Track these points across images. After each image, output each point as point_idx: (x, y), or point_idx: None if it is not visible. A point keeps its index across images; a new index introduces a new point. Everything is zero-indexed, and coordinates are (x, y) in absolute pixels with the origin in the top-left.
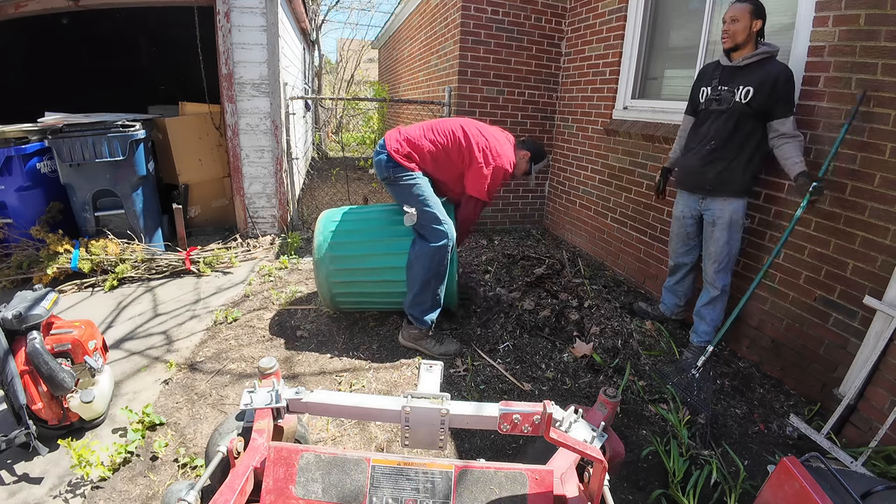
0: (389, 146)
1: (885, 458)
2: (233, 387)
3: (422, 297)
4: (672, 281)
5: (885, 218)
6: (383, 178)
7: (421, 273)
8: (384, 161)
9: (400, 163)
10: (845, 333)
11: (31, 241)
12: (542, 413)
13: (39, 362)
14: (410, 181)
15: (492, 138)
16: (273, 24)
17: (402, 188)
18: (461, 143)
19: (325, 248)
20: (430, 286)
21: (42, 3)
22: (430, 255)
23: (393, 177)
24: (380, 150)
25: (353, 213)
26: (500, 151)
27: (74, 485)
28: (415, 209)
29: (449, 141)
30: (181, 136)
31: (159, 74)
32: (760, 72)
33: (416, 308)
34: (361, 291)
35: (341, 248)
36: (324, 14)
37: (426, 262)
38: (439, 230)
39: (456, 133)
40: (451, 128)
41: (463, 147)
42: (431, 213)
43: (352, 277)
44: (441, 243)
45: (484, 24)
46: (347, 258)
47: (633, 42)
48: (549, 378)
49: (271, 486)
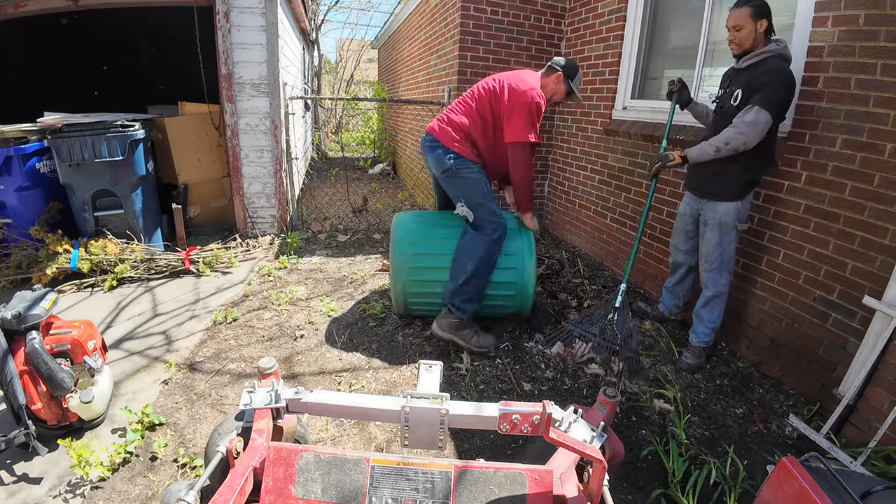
0: (443, 138)
1: (884, 458)
2: (232, 387)
3: (468, 286)
4: (672, 281)
5: (884, 218)
6: (443, 172)
7: (471, 263)
8: (442, 154)
9: (461, 153)
10: (845, 333)
11: (31, 241)
12: (542, 413)
13: (39, 362)
14: (470, 174)
15: (510, 75)
16: (272, 24)
17: (461, 181)
18: (487, 93)
19: (402, 258)
20: (477, 277)
21: (42, 3)
22: (484, 247)
23: (455, 168)
24: (432, 143)
25: (430, 223)
26: (522, 84)
27: (74, 485)
28: (469, 206)
29: (476, 101)
30: (181, 136)
31: (159, 74)
32: (753, 72)
33: (459, 297)
34: (435, 302)
35: (419, 260)
36: (323, 14)
37: (478, 254)
38: (495, 222)
39: (476, 89)
40: (472, 88)
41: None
42: (490, 207)
43: (427, 289)
44: (495, 236)
45: (483, 24)
46: (425, 270)
47: (632, 42)
48: (548, 378)
49: (271, 486)
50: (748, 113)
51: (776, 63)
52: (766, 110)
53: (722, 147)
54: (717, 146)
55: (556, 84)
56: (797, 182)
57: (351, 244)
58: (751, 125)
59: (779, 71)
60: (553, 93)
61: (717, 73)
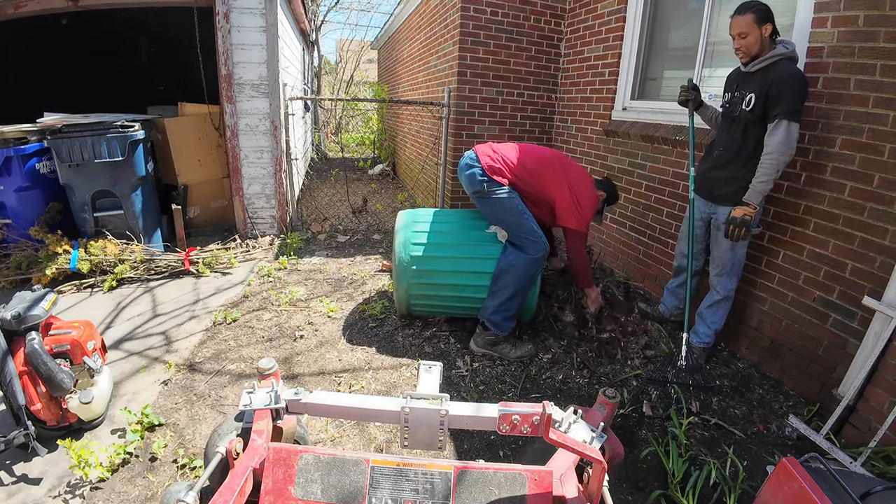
0: (484, 161)
1: (884, 459)
2: (232, 387)
3: (509, 304)
4: (675, 282)
5: (883, 218)
6: (474, 192)
7: (513, 282)
8: (478, 175)
9: (494, 178)
10: (844, 334)
11: (31, 242)
12: (542, 414)
13: (38, 363)
14: (503, 195)
15: (578, 173)
16: (272, 25)
17: (494, 202)
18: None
19: (406, 261)
20: (519, 295)
21: (42, 3)
22: (526, 266)
23: (486, 191)
24: (472, 163)
25: (434, 224)
26: (586, 186)
27: (73, 485)
28: (505, 226)
29: (545, 170)
30: (180, 137)
31: (159, 75)
32: (765, 76)
33: (500, 315)
34: (438, 304)
35: (424, 263)
36: (323, 15)
37: (520, 272)
38: (537, 242)
39: (553, 164)
40: (548, 156)
41: (556, 177)
42: (529, 226)
43: (431, 291)
44: (539, 255)
45: (483, 24)
46: (430, 273)
47: (631, 43)
48: (548, 378)
49: (270, 486)
50: (778, 130)
51: (787, 67)
52: (794, 122)
53: (775, 176)
54: (770, 178)
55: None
56: (797, 182)
57: (351, 245)
58: (785, 143)
59: (794, 78)
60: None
61: (717, 73)
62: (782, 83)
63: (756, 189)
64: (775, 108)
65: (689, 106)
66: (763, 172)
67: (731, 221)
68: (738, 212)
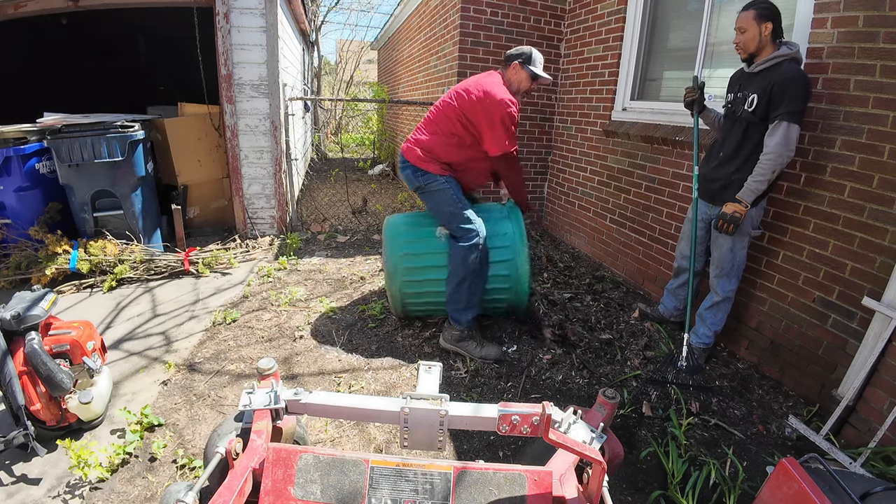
0: (409, 156)
1: (883, 459)
2: (231, 388)
3: (457, 295)
4: (675, 283)
5: (883, 219)
6: (415, 189)
7: (455, 272)
8: (411, 172)
9: (425, 168)
10: (844, 334)
11: (30, 242)
12: (541, 414)
13: (38, 363)
14: (439, 186)
15: (473, 86)
16: (272, 26)
17: (432, 195)
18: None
19: (396, 261)
20: (464, 284)
21: (42, 3)
22: (464, 255)
23: (424, 185)
24: (402, 164)
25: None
26: (489, 96)
27: (73, 486)
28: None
29: (441, 123)
30: (180, 137)
31: (159, 75)
32: (768, 77)
33: (451, 306)
34: (431, 301)
35: (412, 261)
36: (323, 15)
37: (459, 262)
38: (467, 229)
39: (446, 111)
40: (438, 105)
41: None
42: (460, 215)
43: (422, 289)
44: (471, 242)
45: (483, 25)
46: (419, 270)
47: (631, 43)
48: (547, 379)
49: (270, 487)
50: (777, 131)
51: (791, 68)
52: (794, 123)
53: (770, 177)
54: (765, 179)
55: (516, 74)
56: (796, 183)
57: (350, 245)
58: (784, 144)
59: (797, 79)
60: (518, 84)
61: (717, 74)
62: (785, 84)
63: (750, 188)
64: (777, 109)
65: (693, 107)
66: (759, 172)
67: (721, 216)
68: (728, 208)
